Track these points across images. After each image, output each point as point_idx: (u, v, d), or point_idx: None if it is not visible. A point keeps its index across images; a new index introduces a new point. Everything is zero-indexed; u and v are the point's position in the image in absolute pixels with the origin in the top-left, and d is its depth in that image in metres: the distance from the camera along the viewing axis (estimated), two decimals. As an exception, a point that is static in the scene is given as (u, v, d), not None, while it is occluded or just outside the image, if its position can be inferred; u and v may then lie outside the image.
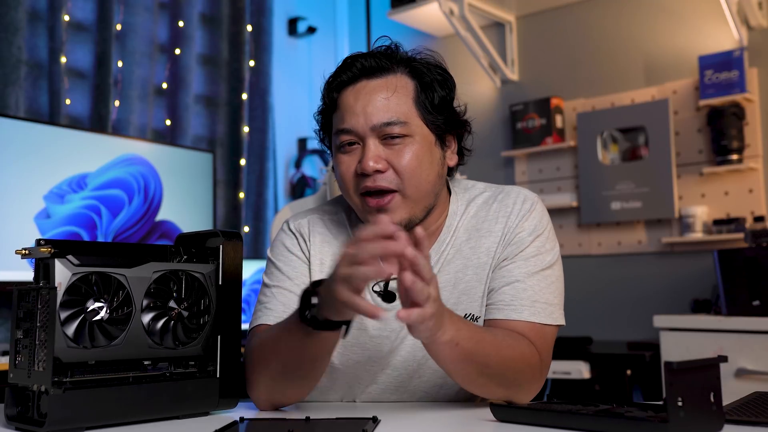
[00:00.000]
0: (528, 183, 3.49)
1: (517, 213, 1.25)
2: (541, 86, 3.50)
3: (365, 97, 1.19)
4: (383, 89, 1.20)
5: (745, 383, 2.36)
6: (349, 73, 1.22)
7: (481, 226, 1.27)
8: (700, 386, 0.86)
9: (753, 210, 2.93)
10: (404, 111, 1.19)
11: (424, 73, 1.23)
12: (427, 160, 1.20)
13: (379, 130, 1.18)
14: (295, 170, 3.84)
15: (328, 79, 1.25)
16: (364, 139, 1.19)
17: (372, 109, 1.18)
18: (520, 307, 1.19)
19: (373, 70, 1.21)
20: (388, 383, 1.27)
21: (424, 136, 1.21)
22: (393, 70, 1.22)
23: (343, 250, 0.97)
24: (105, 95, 2.98)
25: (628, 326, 3.15)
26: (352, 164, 1.20)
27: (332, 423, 1.03)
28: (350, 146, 1.21)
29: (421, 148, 1.20)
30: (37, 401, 0.98)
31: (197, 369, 1.11)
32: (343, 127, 1.20)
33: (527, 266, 1.22)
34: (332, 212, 1.35)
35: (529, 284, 1.21)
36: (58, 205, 2.62)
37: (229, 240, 1.15)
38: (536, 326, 1.19)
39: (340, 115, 1.21)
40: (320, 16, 4.09)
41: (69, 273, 0.98)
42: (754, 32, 2.99)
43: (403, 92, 1.20)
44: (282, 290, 1.27)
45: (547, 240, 1.26)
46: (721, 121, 2.90)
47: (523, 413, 1.01)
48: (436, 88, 1.22)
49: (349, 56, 1.25)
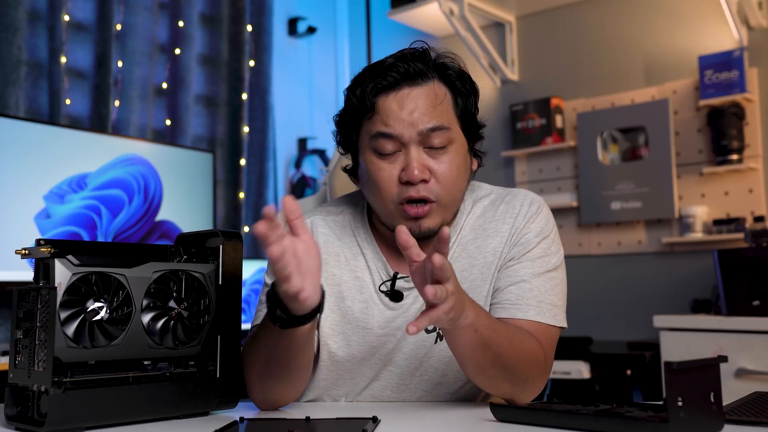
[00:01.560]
0: (528, 183, 3.48)
1: (524, 214, 1.26)
2: (541, 86, 3.50)
3: (411, 103, 1.19)
4: (427, 96, 1.20)
5: (745, 383, 2.36)
6: (390, 78, 1.20)
7: (488, 226, 1.28)
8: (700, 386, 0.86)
9: (753, 210, 2.93)
10: (447, 118, 1.20)
11: (456, 81, 1.24)
12: (464, 168, 1.23)
13: (425, 136, 1.18)
14: (295, 170, 3.84)
15: (361, 82, 1.23)
16: (407, 145, 1.19)
17: (419, 114, 1.18)
18: (526, 306, 1.20)
19: (414, 76, 1.21)
20: (390, 380, 1.27)
21: (461, 143, 1.23)
22: (431, 76, 1.22)
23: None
24: (105, 95, 2.98)
25: (628, 326, 3.15)
26: (393, 171, 1.19)
27: (332, 423, 1.03)
28: (390, 152, 1.20)
29: (459, 157, 1.22)
30: (37, 401, 0.98)
31: (197, 369, 1.11)
32: (387, 131, 1.19)
33: (533, 267, 1.23)
34: (336, 213, 1.34)
35: (534, 284, 1.22)
36: (58, 205, 2.62)
37: (229, 240, 1.15)
38: (541, 326, 1.20)
39: (381, 120, 1.20)
40: (320, 16, 4.09)
41: (69, 273, 0.98)
42: (754, 32, 2.99)
43: (445, 100, 1.22)
44: None
45: (553, 242, 1.27)
46: (721, 121, 2.90)
47: (523, 413, 1.01)
48: (471, 97, 1.25)
49: (386, 59, 1.23)
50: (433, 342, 1.24)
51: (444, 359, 1.25)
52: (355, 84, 1.24)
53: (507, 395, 1.16)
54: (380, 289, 1.25)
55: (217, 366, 1.12)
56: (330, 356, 1.26)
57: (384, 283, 1.25)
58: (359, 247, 1.29)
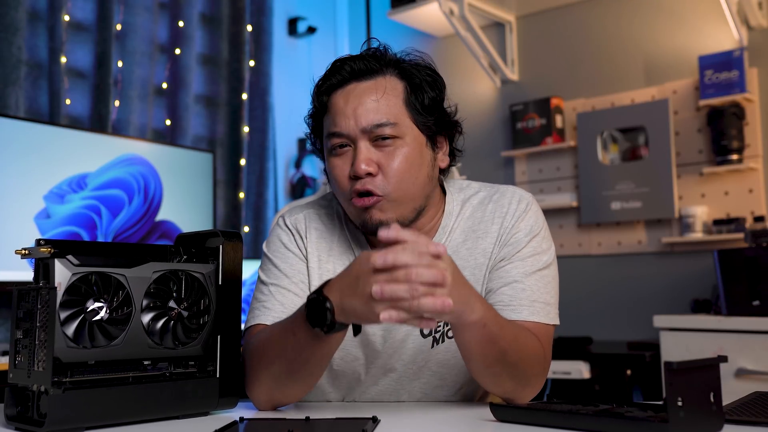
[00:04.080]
0: (528, 183, 3.48)
1: (513, 213, 1.25)
2: (541, 86, 3.50)
3: (355, 99, 1.19)
4: (373, 91, 1.19)
5: (745, 383, 2.36)
6: (338, 76, 1.22)
7: (477, 227, 1.27)
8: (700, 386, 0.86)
9: (753, 210, 2.93)
10: (394, 112, 1.19)
11: (413, 74, 1.22)
12: (417, 162, 1.20)
13: (369, 132, 1.18)
14: (295, 170, 3.84)
15: (317, 83, 1.26)
16: (355, 141, 1.19)
17: (362, 110, 1.18)
18: (519, 307, 1.19)
19: (363, 73, 1.21)
20: (388, 385, 1.27)
21: (414, 137, 1.21)
22: (382, 71, 1.22)
23: (366, 266, 0.97)
24: (105, 95, 2.98)
25: (628, 326, 3.15)
26: (345, 167, 1.20)
27: (332, 423, 1.03)
28: (342, 149, 1.20)
29: (411, 150, 1.20)
30: (36, 401, 0.98)
31: (197, 369, 1.11)
32: (334, 130, 1.20)
33: (524, 266, 1.22)
34: (327, 206, 1.35)
35: (527, 284, 1.21)
36: (58, 205, 2.62)
37: (229, 240, 1.15)
38: (536, 325, 1.20)
39: (331, 118, 1.21)
40: (320, 16, 4.09)
41: (69, 273, 0.98)
42: (754, 32, 2.99)
43: (392, 93, 1.20)
44: (280, 289, 1.26)
45: (543, 240, 1.26)
46: (721, 121, 2.90)
47: (523, 413, 1.01)
48: (426, 89, 1.22)
49: (338, 59, 1.25)
50: (430, 347, 1.24)
51: (442, 362, 1.25)
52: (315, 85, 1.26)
53: (508, 393, 1.16)
54: None
55: (217, 366, 1.12)
56: None
57: None
58: (349, 242, 1.30)
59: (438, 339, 1.24)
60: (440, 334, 1.24)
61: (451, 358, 1.24)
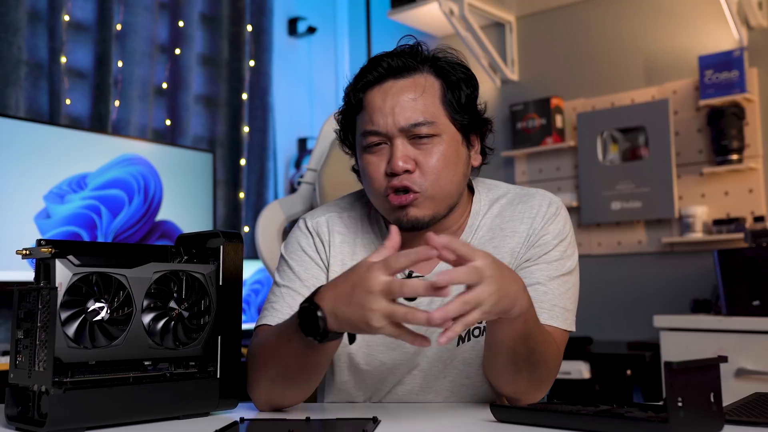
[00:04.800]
0: (528, 183, 3.49)
1: (543, 215, 1.25)
2: (541, 86, 3.50)
3: (393, 97, 1.18)
4: (411, 89, 1.19)
5: (745, 383, 2.36)
6: (375, 73, 1.20)
7: (505, 226, 1.26)
8: (700, 386, 0.86)
9: (753, 210, 2.93)
10: (432, 111, 1.19)
11: (449, 72, 1.22)
12: (453, 160, 1.20)
13: (407, 130, 1.17)
14: (295, 170, 3.83)
15: (352, 79, 1.24)
16: (392, 139, 1.18)
17: (400, 109, 1.17)
18: (539, 309, 1.18)
19: (400, 70, 1.20)
20: (414, 383, 1.26)
21: (451, 135, 1.20)
22: (419, 69, 1.21)
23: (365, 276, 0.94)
24: (105, 95, 2.98)
25: (628, 326, 3.15)
26: (381, 164, 1.19)
27: (332, 423, 1.03)
28: (377, 147, 1.20)
29: (448, 148, 1.19)
30: (37, 401, 0.98)
31: (197, 369, 1.11)
32: (371, 128, 1.19)
33: (549, 269, 1.22)
34: (349, 209, 1.33)
35: (549, 287, 1.21)
36: (58, 205, 2.62)
37: (230, 240, 1.15)
38: (554, 330, 1.20)
39: (367, 116, 1.20)
40: (320, 16, 4.09)
41: (69, 273, 0.98)
42: (754, 32, 2.99)
43: (430, 92, 1.20)
44: (290, 291, 1.26)
45: (570, 245, 1.26)
46: (721, 121, 2.90)
47: (523, 413, 1.01)
48: (462, 87, 1.22)
49: (375, 56, 1.23)
50: (456, 344, 1.23)
51: (468, 360, 1.24)
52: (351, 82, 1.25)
53: (520, 394, 1.16)
54: None
55: (218, 366, 1.12)
56: (349, 358, 1.25)
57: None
58: (374, 245, 1.28)
59: (464, 337, 1.23)
60: (466, 332, 1.23)
61: (476, 357, 1.23)
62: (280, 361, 1.11)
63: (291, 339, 1.06)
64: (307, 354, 1.06)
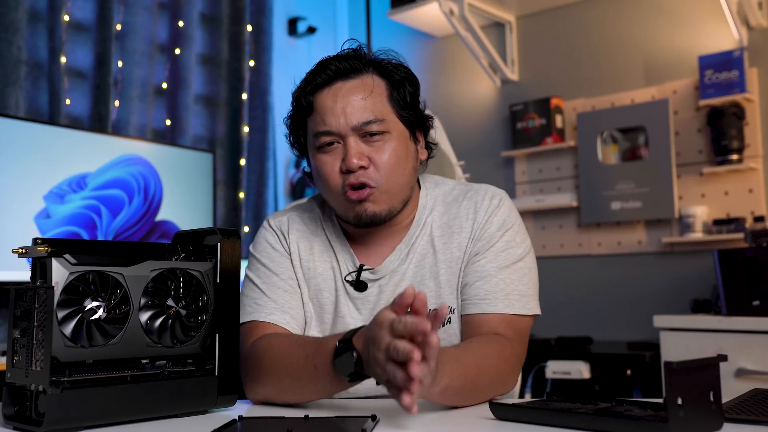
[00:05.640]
0: (528, 183, 3.48)
1: (485, 209, 1.29)
2: (541, 86, 3.49)
3: (343, 98, 1.23)
4: (359, 89, 1.24)
5: (745, 383, 2.36)
6: (324, 75, 1.25)
7: (452, 222, 1.31)
8: (700, 386, 0.86)
9: (753, 210, 2.93)
10: (381, 109, 1.24)
11: (392, 72, 1.27)
12: (404, 155, 1.25)
13: (359, 129, 1.22)
14: (295, 170, 3.83)
15: (300, 83, 1.29)
16: (345, 137, 1.22)
17: (351, 109, 1.22)
18: (494, 300, 1.23)
19: (347, 72, 1.25)
20: None
21: (400, 132, 1.26)
22: (365, 70, 1.26)
23: (385, 329, 0.96)
24: (105, 95, 2.97)
25: (628, 326, 3.14)
26: (335, 163, 1.24)
27: (331, 422, 1.03)
28: (330, 146, 1.24)
29: (398, 144, 1.25)
30: (34, 401, 0.98)
31: (195, 367, 1.11)
32: (324, 129, 1.23)
33: (498, 260, 1.26)
34: (309, 209, 1.40)
35: (501, 278, 1.24)
36: (58, 205, 2.62)
37: (227, 238, 1.15)
38: (512, 318, 1.23)
39: (319, 117, 1.24)
40: (320, 16, 4.09)
41: (66, 272, 0.98)
42: (754, 32, 2.99)
43: (378, 91, 1.25)
44: (270, 286, 1.31)
45: (517, 233, 1.29)
46: (721, 121, 2.90)
47: (523, 412, 1.01)
48: (406, 86, 1.28)
49: (322, 60, 1.28)
50: None
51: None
52: (298, 86, 1.29)
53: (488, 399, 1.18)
54: (346, 279, 1.30)
55: (216, 364, 1.12)
56: None
57: (350, 274, 1.30)
58: (329, 241, 1.34)
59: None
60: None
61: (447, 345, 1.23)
62: (297, 379, 1.13)
63: (318, 366, 1.09)
64: (331, 385, 1.10)
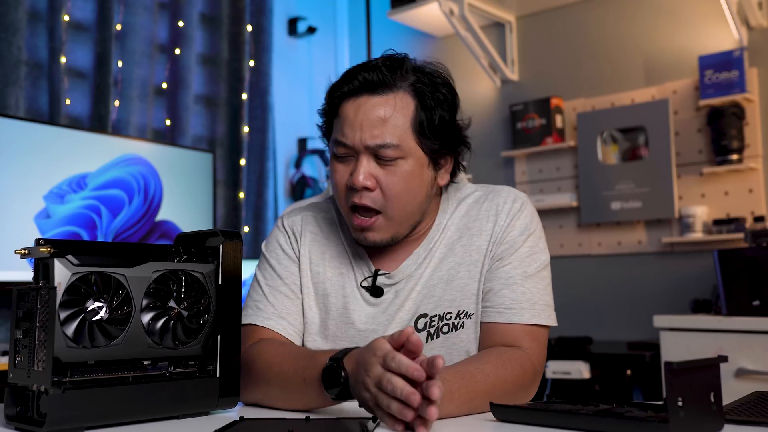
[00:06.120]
0: (528, 183, 3.48)
1: (507, 212, 1.26)
2: (541, 86, 3.49)
3: (364, 113, 1.18)
4: (382, 107, 1.18)
5: (745, 383, 2.36)
6: (351, 85, 1.21)
7: (472, 224, 1.28)
8: (700, 386, 0.86)
9: (753, 210, 2.93)
10: (399, 134, 1.18)
11: (426, 95, 1.20)
12: (416, 182, 1.21)
13: (372, 149, 1.19)
14: (295, 170, 3.83)
15: (331, 85, 1.25)
16: (358, 154, 1.20)
17: (368, 127, 1.18)
18: (521, 310, 1.20)
19: (375, 86, 1.19)
20: None
21: (417, 158, 1.20)
22: (396, 87, 1.19)
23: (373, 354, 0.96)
24: (105, 95, 2.98)
25: (628, 326, 3.15)
26: (345, 174, 1.22)
27: (332, 422, 1.03)
28: (345, 157, 1.22)
29: (411, 171, 1.20)
30: (36, 401, 0.98)
31: (197, 369, 1.11)
32: (341, 139, 1.21)
33: (523, 267, 1.23)
34: (326, 210, 1.37)
35: (527, 287, 1.22)
36: (58, 205, 2.62)
37: (229, 240, 1.15)
38: (535, 329, 1.20)
39: (339, 125, 1.22)
40: (320, 16, 4.09)
41: (68, 273, 0.98)
42: (754, 32, 2.99)
43: (403, 113, 1.19)
44: (273, 290, 1.30)
45: (540, 239, 1.27)
46: (721, 121, 2.90)
47: (523, 413, 1.01)
48: (437, 110, 1.21)
49: (354, 67, 1.24)
50: (425, 341, 1.24)
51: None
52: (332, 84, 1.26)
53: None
54: (361, 285, 1.28)
55: (217, 366, 1.12)
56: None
57: (365, 279, 1.28)
58: (344, 245, 1.32)
59: (432, 334, 1.24)
60: (435, 330, 1.25)
61: (445, 353, 1.23)
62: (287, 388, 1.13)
63: (307, 380, 1.09)
64: (318, 399, 1.09)
